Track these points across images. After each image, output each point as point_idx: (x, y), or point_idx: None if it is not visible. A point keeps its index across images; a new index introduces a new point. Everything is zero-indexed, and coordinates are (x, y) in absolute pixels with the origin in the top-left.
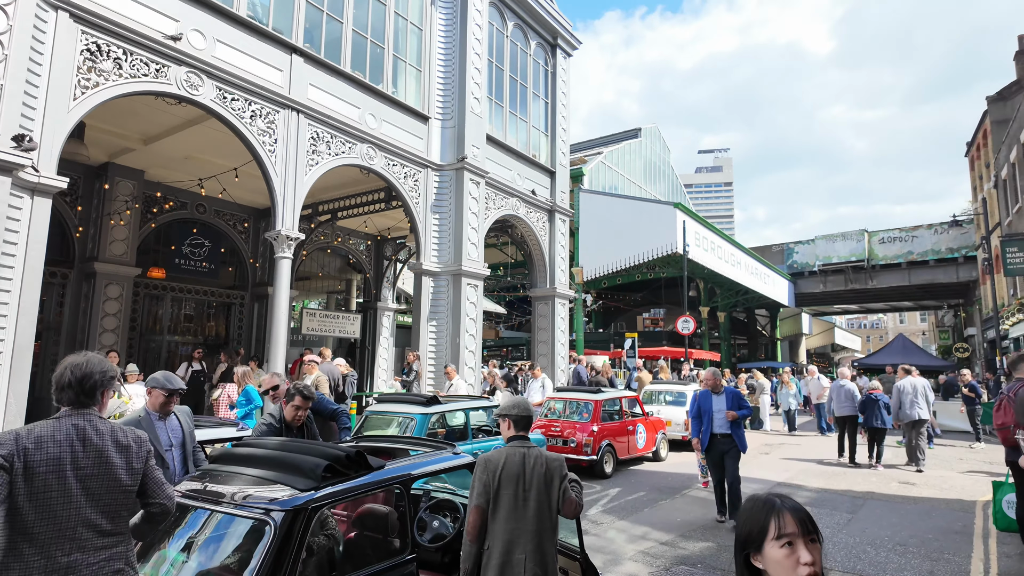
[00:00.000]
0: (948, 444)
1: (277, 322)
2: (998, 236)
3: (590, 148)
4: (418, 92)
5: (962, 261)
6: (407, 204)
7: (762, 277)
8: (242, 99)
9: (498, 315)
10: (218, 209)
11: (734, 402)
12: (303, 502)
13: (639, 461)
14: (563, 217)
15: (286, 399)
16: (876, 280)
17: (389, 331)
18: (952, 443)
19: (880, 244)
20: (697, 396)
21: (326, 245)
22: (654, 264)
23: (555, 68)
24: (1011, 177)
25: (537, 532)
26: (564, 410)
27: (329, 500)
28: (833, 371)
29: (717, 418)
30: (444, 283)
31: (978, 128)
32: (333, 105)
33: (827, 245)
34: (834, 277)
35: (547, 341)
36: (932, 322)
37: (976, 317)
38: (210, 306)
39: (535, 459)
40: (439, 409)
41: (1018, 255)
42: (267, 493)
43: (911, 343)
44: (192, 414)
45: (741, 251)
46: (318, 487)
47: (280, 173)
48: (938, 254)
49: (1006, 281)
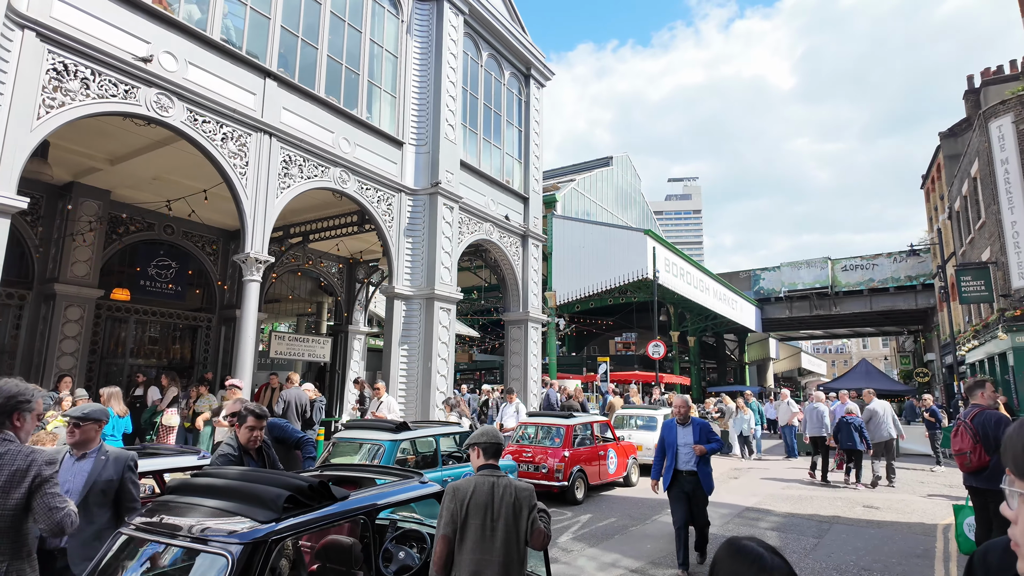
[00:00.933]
0: (909, 467)
1: (244, 345)
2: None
3: (563, 175)
4: (393, 118)
5: (920, 288)
6: (380, 228)
7: (730, 303)
8: (213, 121)
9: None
10: (186, 230)
11: (702, 435)
12: (263, 534)
13: (610, 486)
14: (536, 242)
15: (238, 421)
16: (840, 306)
17: (360, 355)
18: (913, 466)
19: (843, 271)
20: (663, 428)
21: (297, 267)
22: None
23: (528, 97)
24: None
25: (504, 563)
26: (535, 435)
27: (290, 532)
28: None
29: (683, 452)
30: (416, 307)
31: (932, 162)
32: (307, 129)
33: (792, 272)
34: (799, 303)
35: (520, 365)
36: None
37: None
38: (176, 329)
39: (504, 488)
40: (409, 436)
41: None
42: (226, 525)
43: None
44: (134, 461)
45: (710, 277)
46: (279, 519)
47: (251, 195)
48: (897, 281)
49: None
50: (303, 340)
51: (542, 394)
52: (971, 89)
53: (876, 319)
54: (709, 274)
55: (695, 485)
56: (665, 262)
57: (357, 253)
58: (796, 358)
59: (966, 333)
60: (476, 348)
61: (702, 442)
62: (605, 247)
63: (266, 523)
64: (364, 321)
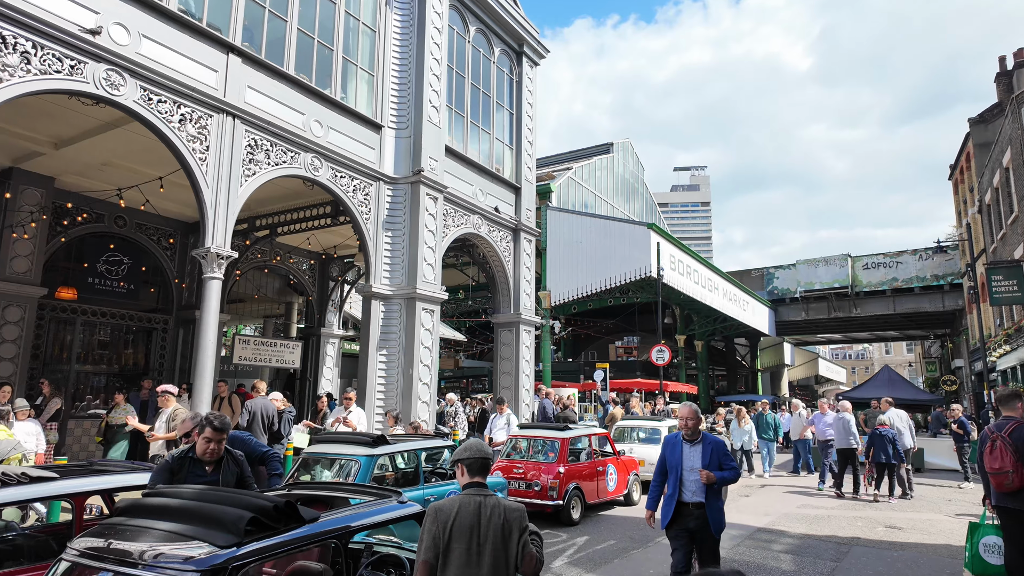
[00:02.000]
0: (935, 484)
1: (204, 350)
2: (983, 263)
3: (558, 163)
4: (370, 98)
5: (947, 289)
6: (356, 220)
7: (741, 304)
8: (170, 101)
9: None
10: (140, 222)
11: (714, 458)
12: (223, 560)
13: (610, 505)
14: (529, 236)
15: (197, 430)
16: (860, 308)
17: (334, 360)
18: (939, 483)
19: (864, 270)
20: (663, 445)
21: (263, 264)
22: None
23: (521, 77)
24: (995, 202)
25: None
26: (527, 449)
27: (254, 558)
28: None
29: (689, 478)
30: (396, 308)
31: (961, 151)
32: (274, 110)
33: (809, 270)
34: (816, 304)
35: (511, 372)
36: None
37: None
38: (128, 331)
39: (492, 509)
40: (387, 450)
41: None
42: (181, 551)
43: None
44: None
45: (719, 276)
46: (241, 543)
47: (211, 184)
48: (923, 281)
49: (992, 310)
50: (270, 344)
51: (536, 404)
52: (1003, 71)
53: (900, 322)
54: (718, 272)
55: (702, 522)
56: (670, 259)
57: (330, 248)
58: (813, 364)
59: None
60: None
61: (713, 467)
62: (605, 242)
63: (226, 548)
64: (338, 323)
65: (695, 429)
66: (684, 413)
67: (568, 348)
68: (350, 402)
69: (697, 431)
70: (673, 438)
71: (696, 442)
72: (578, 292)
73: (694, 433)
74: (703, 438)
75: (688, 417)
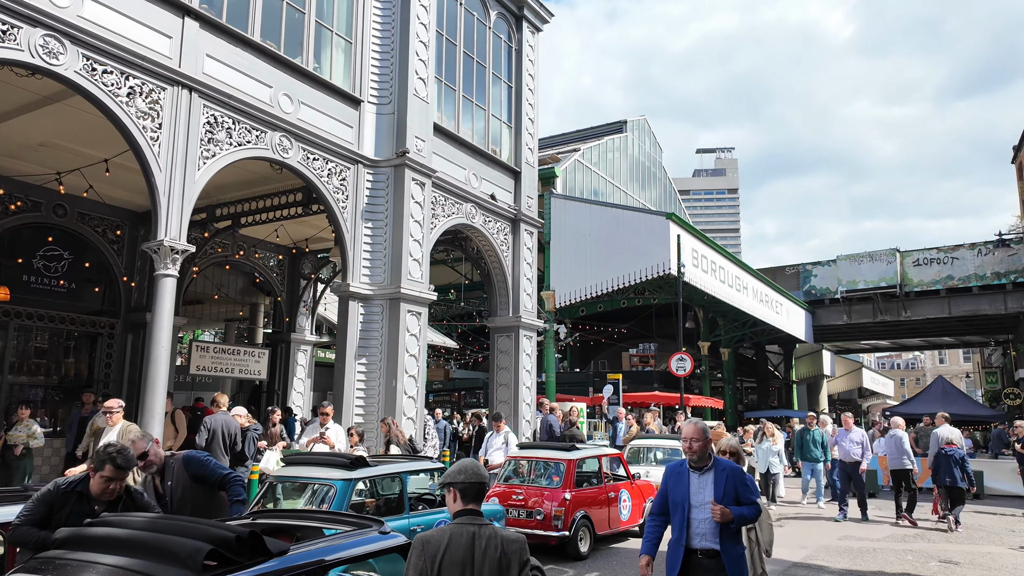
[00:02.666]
0: (996, 512)
1: (156, 359)
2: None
3: (564, 144)
4: (347, 69)
5: (1011, 288)
6: (331, 208)
7: (774, 305)
8: (117, 72)
9: (448, 350)
10: (83, 211)
11: (729, 488)
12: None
13: (623, 537)
14: (530, 228)
15: (93, 466)
16: (910, 310)
17: (306, 370)
18: (1002, 511)
19: (914, 267)
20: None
21: (225, 259)
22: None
23: (521, 45)
24: None
25: None
26: (528, 472)
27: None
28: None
29: (697, 516)
30: (378, 310)
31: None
32: (237, 83)
33: (851, 267)
34: (860, 306)
35: (509, 383)
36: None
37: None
38: (69, 337)
39: (488, 540)
40: (367, 474)
41: None
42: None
43: (952, 387)
44: None
45: (748, 273)
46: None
47: (165, 167)
48: (982, 279)
49: None
50: (233, 352)
51: (539, 420)
52: None
53: (955, 326)
54: (748, 269)
55: (719, 572)
56: (692, 254)
57: (302, 241)
58: (856, 375)
59: None
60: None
61: (728, 500)
62: (617, 235)
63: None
64: (311, 328)
65: (703, 452)
66: (688, 432)
67: (575, 357)
68: (327, 418)
69: (706, 455)
70: (677, 467)
71: (706, 469)
72: (586, 292)
73: (702, 457)
74: (714, 464)
75: (693, 437)
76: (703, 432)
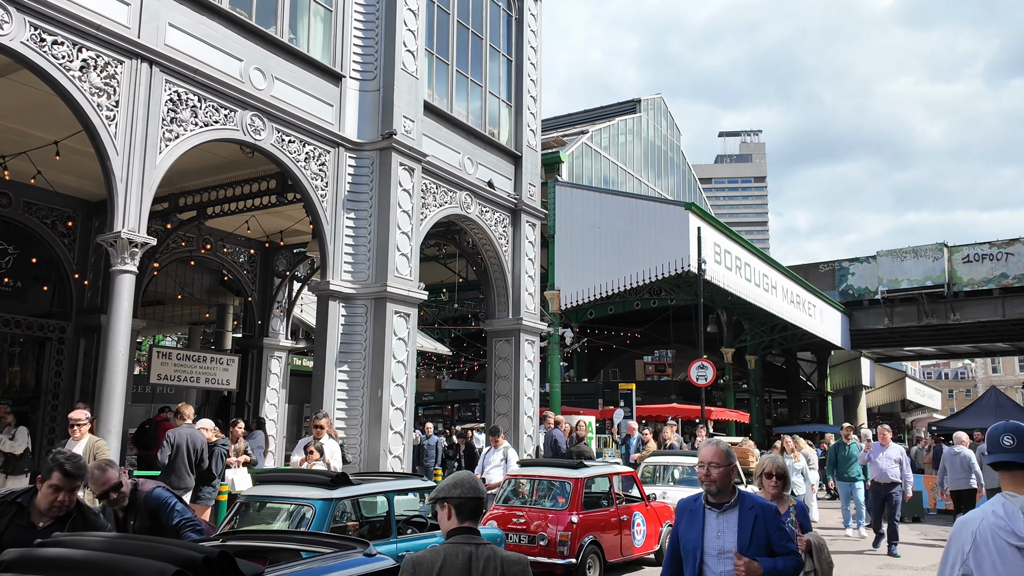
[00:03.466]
0: None
1: (112, 364)
2: None
3: (570, 125)
4: (327, 41)
5: None
6: (309, 197)
7: (805, 307)
8: (68, 43)
9: (440, 357)
10: (30, 201)
11: (758, 532)
12: None
13: (636, 565)
14: (532, 220)
15: (41, 476)
16: (959, 312)
17: (280, 379)
18: None
19: (964, 263)
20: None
21: (189, 255)
22: (659, 288)
23: (522, 13)
24: None
25: None
26: (531, 493)
27: None
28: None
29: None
30: (361, 311)
31: None
32: (203, 55)
33: (893, 264)
34: (903, 308)
35: (508, 394)
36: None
37: None
38: (13, 342)
39: (486, 562)
40: (349, 493)
41: None
42: None
43: (1007, 399)
44: None
45: (777, 271)
46: None
47: (122, 150)
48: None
49: None
50: (198, 360)
51: (543, 435)
52: None
53: (1010, 330)
54: (777, 266)
55: None
56: (714, 248)
57: (275, 234)
58: (899, 386)
59: None
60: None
61: (757, 549)
62: (630, 227)
63: None
64: (286, 332)
65: (725, 484)
66: (706, 456)
67: (583, 366)
68: (321, 431)
69: (729, 487)
70: (690, 502)
71: (727, 507)
72: (595, 292)
73: (723, 491)
74: (739, 499)
75: (712, 462)
76: (726, 456)
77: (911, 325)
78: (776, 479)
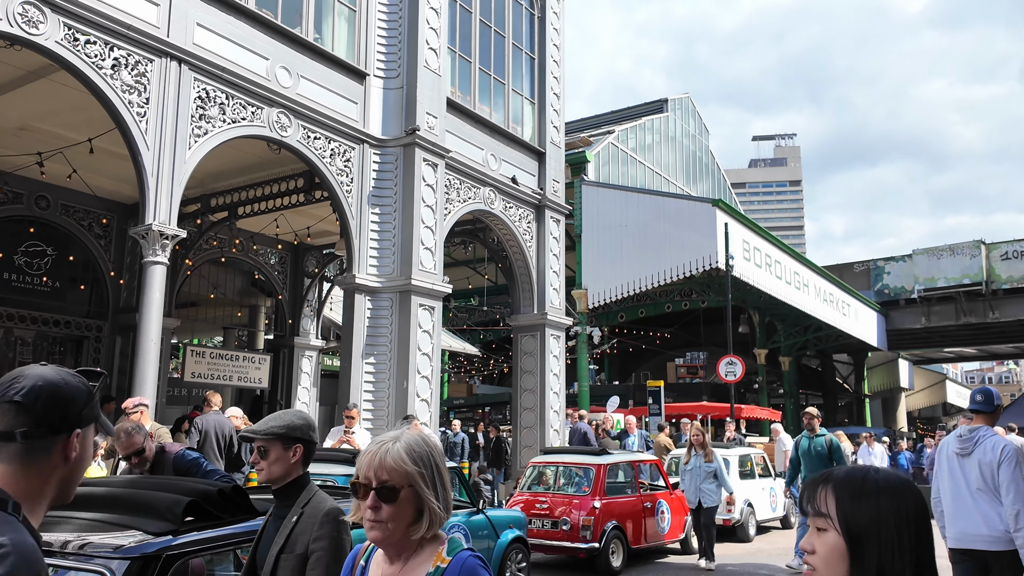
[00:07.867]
0: None
1: (144, 355)
2: None
3: (596, 126)
4: (351, 40)
5: None
6: (335, 193)
7: (840, 307)
8: (100, 42)
9: (470, 360)
10: (67, 203)
11: None
12: (155, 549)
13: (661, 553)
14: (557, 215)
15: None
16: (999, 311)
17: (311, 378)
18: None
19: (1003, 260)
20: None
21: (220, 254)
22: (689, 290)
23: (544, 12)
24: None
25: None
26: (554, 479)
27: (192, 549)
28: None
29: None
30: (387, 304)
31: None
32: (230, 54)
33: (930, 263)
34: (941, 307)
35: (535, 389)
36: None
37: None
38: (54, 341)
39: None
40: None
41: None
42: (109, 540)
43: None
44: None
45: (810, 270)
46: (176, 531)
47: (153, 146)
48: None
49: None
50: (231, 358)
51: (570, 429)
52: None
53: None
54: (809, 265)
55: None
56: (743, 245)
57: (304, 232)
58: (939, 389)
59: None
60: (478, 377)
61: None
62: (656, 225)
63: (160, 536)
64: (316, 332)
65: None
66: None
67: (614, 368)
68: (352, 421)
69: None
70: None
71: None
72: (623, 290)
73: None
74: None
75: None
76: None
77: (949, 324)
78: None
